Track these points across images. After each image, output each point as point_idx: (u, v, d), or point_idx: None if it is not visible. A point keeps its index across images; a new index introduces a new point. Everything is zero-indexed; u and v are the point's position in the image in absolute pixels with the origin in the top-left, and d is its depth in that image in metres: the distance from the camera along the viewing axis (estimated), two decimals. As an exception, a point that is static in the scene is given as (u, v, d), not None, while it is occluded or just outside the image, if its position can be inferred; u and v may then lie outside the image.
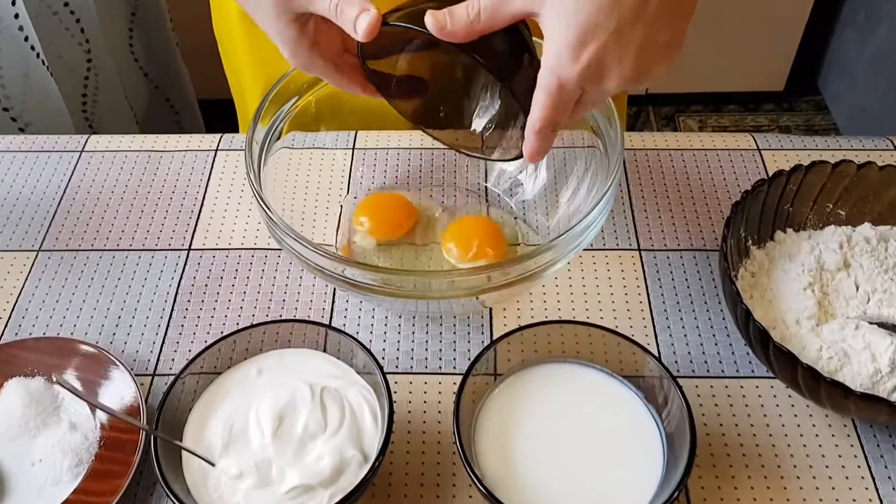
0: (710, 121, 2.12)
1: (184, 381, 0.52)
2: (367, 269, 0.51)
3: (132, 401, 0.56)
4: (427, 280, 0.51)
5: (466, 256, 0.63)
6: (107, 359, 0.58)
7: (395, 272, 0.52)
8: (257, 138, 0.61)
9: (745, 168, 0.73)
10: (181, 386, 0.52)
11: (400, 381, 0.59)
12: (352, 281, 0.52)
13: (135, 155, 0.75)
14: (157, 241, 0.68)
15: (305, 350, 0.55)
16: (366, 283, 0.52)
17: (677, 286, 0.64)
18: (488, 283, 0.52)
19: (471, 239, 0.64)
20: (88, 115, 1.42)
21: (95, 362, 0.58)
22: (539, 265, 0.52)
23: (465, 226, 0.66)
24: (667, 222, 0.69)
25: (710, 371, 0.59)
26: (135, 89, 1.52)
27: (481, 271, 0.51)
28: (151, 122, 1.58)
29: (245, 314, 0.63)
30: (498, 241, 0.65)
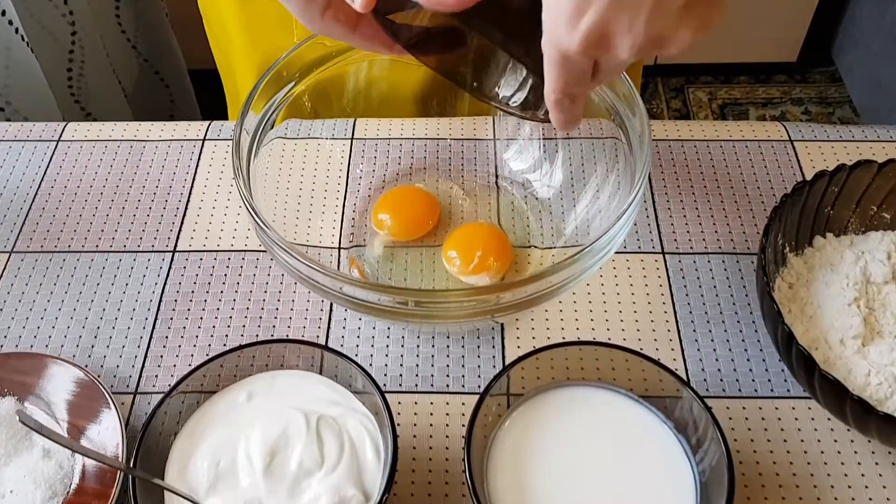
0: (721, 92, 2.06)
1: (166, 409, 0.47)
2: (366, 287, 0.46)
3: (111, 426, 0.51)
4: (431, 301, 0.46)
5: (467, 269, 0.58)
6: (84, 377, 0.53)
7: (396, 291, 0.46)
8: (248, 127, 0.55)
9: (777, 161, 0.67)
10: (163, 416, 0.47)
11: (404, 402, 0.54)
12: (349, 298, 0.47)
13: (115, 145, 0.69)
14: (139, 242, 0.63)
15: (300, 372, 0.50)
16: (364, 301, 0.47)
17: (705, 294, 0.59)
18: (498, 303, 0.46)
19: (473, 249, 0.59)
20: (74, 91, 1.35)
21: (71, 381, 0.53)
22: (553, 285, 0.47)
23: (467, 234, 0.61)
24: (692, 222, 0.64)
25: (743, 390, 0.54)
26: (123, 63, 1.46)
27: (491, 291, 0.45)
28: (142, 97, 1.52)
29: (235, 325, 0.58)
30: (503, 250, 0.59)
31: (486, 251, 0.59)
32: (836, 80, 2.09)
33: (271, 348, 0.50)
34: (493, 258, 0.59)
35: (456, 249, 0.60)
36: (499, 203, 0.64)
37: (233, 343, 0.57)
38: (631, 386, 0.49)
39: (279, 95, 0.59)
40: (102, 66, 1.37)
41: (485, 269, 0.59)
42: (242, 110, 0.55)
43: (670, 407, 0.48)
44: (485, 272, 0.59)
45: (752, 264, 0.61)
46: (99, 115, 1.40)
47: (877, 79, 1.92)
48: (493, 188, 0.65)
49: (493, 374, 0.55)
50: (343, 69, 0.62)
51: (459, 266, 0.59)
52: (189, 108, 1.62)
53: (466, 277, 0.59)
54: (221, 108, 0.92)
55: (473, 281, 0.59)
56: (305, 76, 0.60)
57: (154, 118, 1.55)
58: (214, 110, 0.97)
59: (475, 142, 0.68)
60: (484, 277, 0.58)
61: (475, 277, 0.58)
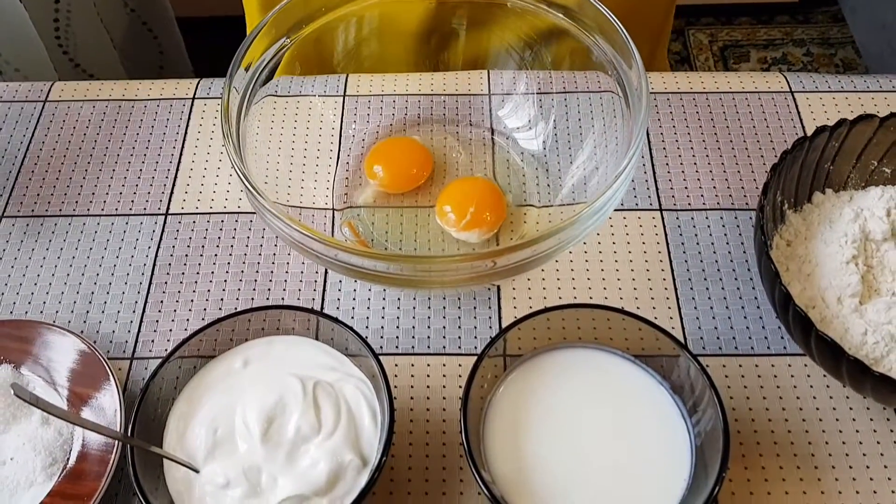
0: (721, 34, 2.02)
1: (163, 375, 0.47)
2: (360, 254, 0.45)
3: (109, 394, 0.51)
4: (426, 268, 0.46)
5: (460, 224, 0.58)
6: (80, 344, 0.53)
7: (390, 258, 0.46)
8: (238, 85, 0.54)
9: (778, 114, 0.66)
10: (161, 381, 0.47)
11: (401, 364, 0.54)
12: (343, 265, 0.47)
13: (103, 105, 0.68)
14: (130, 205, 0.62)
15: (296, 337, 0.50)
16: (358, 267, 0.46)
17: (703, 251, 0.59)
18: (494, 268, 0.46)
19: (466, 204, 0.58)
20: (63, 43, 1.33)
21: (68, 348, 0.53)
22: (549, 248, 0.47)
23: (461, 188, 0.60)
24: (691, 177, 0.63)
25: (739, 348, 0.54)
26: (110, 14, 1.43)
27: (487, 256, 0.45)
28: (131, 49, 1.49)
29: (230, 288, 0.58)
30: (497, 205, 0.59)
31: (480, 206, 0.59)
32: (838, 21, 2.05)
33: (266, 315, 0.49)
34: (488, 213, 0.58)
35: (450, 204, 0.59)
36: (494, 160, 0.63)
37: (228, 307, 0.57)
38: (628, 347, 0.49)
39: (270, 51, 0.58)
40: (90, 17, 1.34)
41: (478, 225, 0.58)
42: (231, 67, 0.54)
43: (667, 368, 0.48)
44: (477, 228, 0.58)
45: (750, 220, 0.60)
46: (89, 67, 1.38)
47: (880, 19, 1.88)
48: (489, 144, 0.64)
49: (489, 335, 0.55)
50: (335, 24, 0.60)
51: (453, 221, 0.58)
52: (179, 58, 1.59)
53: (459, 234, 0.58)
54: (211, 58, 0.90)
55: (466, 237, 0.59)
56: (296, 31, 0.59)
57: (144, 70, 1.52)
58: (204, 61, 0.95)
59: (469, 97, 0.67)
60: (476, 233, 0.58)
61: (468, 234, 0.58)
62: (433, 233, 0.60)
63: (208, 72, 0.72)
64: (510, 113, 0.65)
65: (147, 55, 1.57)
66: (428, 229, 0.60)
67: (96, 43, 1.38)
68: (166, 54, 1.59)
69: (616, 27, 0.54)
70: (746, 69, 1.94)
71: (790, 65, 1.95)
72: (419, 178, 0.62)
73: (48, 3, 1.24)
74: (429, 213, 0.60)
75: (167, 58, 1.59)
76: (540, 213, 0.60)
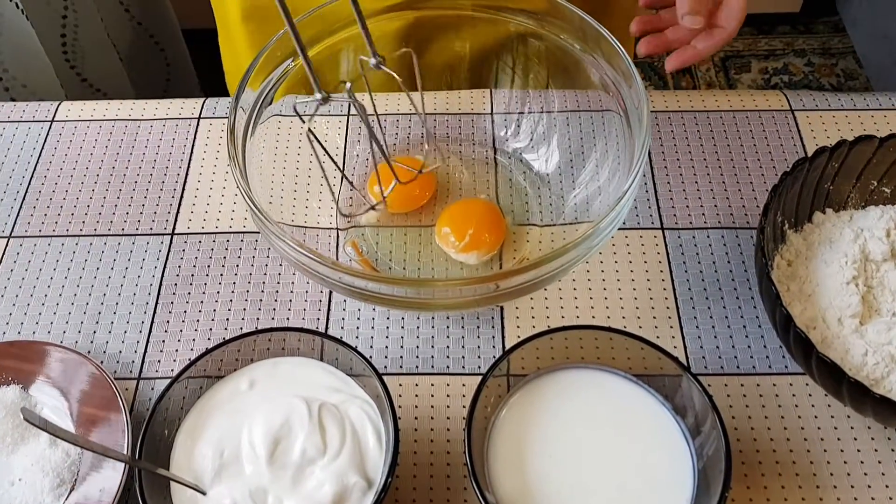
0: (723, 45, 2.02)
1: (170, 396, 0.48)
2: (364, 277, 0.46)
3: (116, 415, 0.52)
4: (430, 290, 0.46)
5: (459, 245, 0.58)
6: (87, 365, 0.53)
7: (394, 282, 0.46)
8: (245, 105, 0.55)
9: (778, 132, 0.67)
10: (168, 402, 0.47)
11: (405, 384, 0.55)
12: (349, 287, 0.47)
13: (109, 125, 0.69)
14: (137, 225, 0.63)
15: (301, 358, 0.50)
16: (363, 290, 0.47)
17: (704, 270, 0.59)
18: (497, 291, 0.46)
19: (465, 226, 0.58)
20: (70, 58, 1.34)
21: (75, 368, 0.54)
22: (553, 270, 0.47)
23: (459, 211, 0.61)
24: (692, 196, 0.63)
25: (741, 367, 0.55)
26: (117, 27, 1.44)
27: (489, 280, 0.45)
28: (137, 62, 1.50)
29: (235, 308, 0.58)
30: (496, 226, 0.59)
31: (479, 228, 0.59)
32: (839, 31, 2.06)
33: (272, 335, 0.50)
34: (487, 234, 0.59)
35: (448, 226, 0.60)
36: (497, 179, 0.64)
37: (234, 326, 0.57)
38: (630, 367, 0.49)
39: (276, 72, 0.59)
40: (97, 31, 1.35)
41: (477, 247, 0.59)
42: (239, 87, 0.55)
43: (669, 388, 0.49)
44: (476, 250, 0.59)
45: (751, 239, 0.61)
46: (96, 81, 1.39)
47: (881, 29, 1.89)
48: (492, 164, 0.65)
49: (493, 355, 0.56)
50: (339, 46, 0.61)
51: (452, 244, 0.59)
52: (186, 71, 1.60)
53: (458, 255, 0.59)
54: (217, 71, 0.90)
55: (465, 259, 0.59)
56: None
57: (151, 83, 1.53)
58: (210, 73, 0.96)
59: (472, 116, 0.67)
60: (475, 255, 0.58)
61: (467, 255, 0.58)
62: (436, 252, 0.60)
63: (215, 84, 0.72)
64: (513, 133, 0.65)
65: (154, 68, 1.58)
66: (431, 248, 0.60)
67: (103, 57, 1.39)
68: (173, 67, 1.60)
69: (616, 49, 0.55)
70: (748, 80, 1.94)
71: (791, 75, 1.96)
72: (422, 199, 0.62)
73: (55, 18, 1.25)
74: (431, 232, 0.61)
75: (174, 70, 1.61)
76: (542, 233, 0.60)
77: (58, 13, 1.26)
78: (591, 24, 0.56)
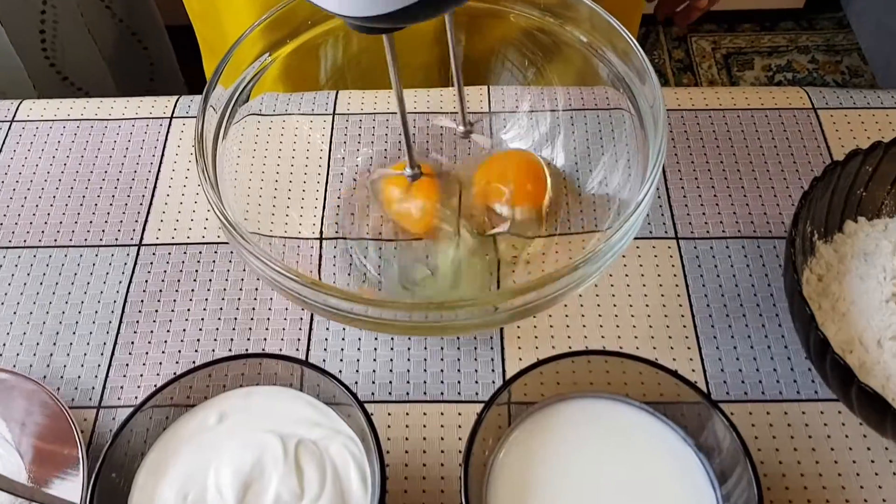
0: (725, 41, 1.98)
1: (130, 430, 0.42)
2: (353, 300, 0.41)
3: (72, 449, 0.46)
4: (422, 313, 0.41)
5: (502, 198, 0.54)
6: (41, 392, 0.48)
7: (382, 305, 0.41)
8: (215, 102, 0.49)
9: (800, 132, 0.62)
10: (128, 434, 0.42)
11: (394, 413, 0.49)
12: (335, 311, 0.42)
13: (74, 125, 0.63)
14: (101, 235, 0.57)
15: (277, 388, 0.45)
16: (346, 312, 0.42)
17: (724, 283, 0.54)
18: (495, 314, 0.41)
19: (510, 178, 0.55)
20: (49, 55, 1.29)
21: (27, 397, 0.48)
22: (558, 290, 0.42)
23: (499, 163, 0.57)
24: (708, 202, 0.58)
25: (766, 393, 0.50)
26: (97, 23, 1.38)
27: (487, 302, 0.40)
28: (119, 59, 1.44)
29: (207, 327, 0.53)
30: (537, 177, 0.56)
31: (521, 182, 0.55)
32: (844, 27, 2.01)
33: (246, 364, 0.44)
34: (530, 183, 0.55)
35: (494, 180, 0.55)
36: (496, 184, 0.58)
37: (205, 349, 0.52)
38: (644, 394, 0.44)
39: (254, 65, 0.53)
40: (77, 27, 1.30)
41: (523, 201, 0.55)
42: (209, 84, 0.49)
43: (688, 417, 0.43)
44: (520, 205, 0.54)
45: (774, 249, 0.56)
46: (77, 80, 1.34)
47: (887, 25, 1.84)
48: (490, 168, 0.59)
49: (491, 379, 0.50)
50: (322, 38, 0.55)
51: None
52: (169, 68, 1.55)
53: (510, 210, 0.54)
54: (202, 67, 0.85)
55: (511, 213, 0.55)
56: (280, 46, 0.54)
57: (134, 81, 1.48)
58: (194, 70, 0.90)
59: (469, 116, 0.62)
60: (519, 210, 0.55)
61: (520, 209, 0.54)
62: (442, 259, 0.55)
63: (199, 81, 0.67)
64: (513, 133, 0.60)
65: (137, 66, 1.52)
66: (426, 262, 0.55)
67: (84, 54, 1.33)
68: (156, 64, 1.55)
69: (628, 40, 0.50)
70: (750, 77, 1.89)
71: (795, 72, 1.91)
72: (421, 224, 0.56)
73: (33, 14, 1.20)
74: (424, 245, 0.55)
75: (157, 68, 1.55)
76: (546, 244, 0.55)
77: (36, 9, 1.21)
78: (601, 15, 0.50)
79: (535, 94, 0.58)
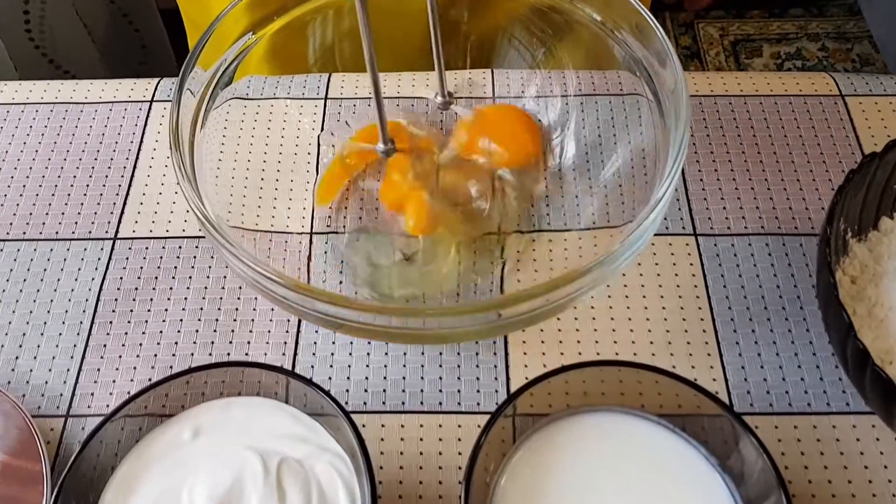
0: (733, 28, 1.93)
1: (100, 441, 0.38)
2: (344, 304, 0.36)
3: (35, 463, 0.42)
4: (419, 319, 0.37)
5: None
6: (3, 402, 0.44)
7: (374, 310, 0.37)
8: (193, 86, 0.45)
9: (827, 120, 0.57)
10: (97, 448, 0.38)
11: (388, 424, 0.45)
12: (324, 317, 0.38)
13: (47, 109, 0.59)
14: (73, 228, 0.53)
15: (259, 400, 0.41)
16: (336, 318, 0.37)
17: (746, 284, 0.50)
18: (499, 321, 0.37)
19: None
20: (34, 35, 1.24)
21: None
22: (567, 295, 0.38)
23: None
24: (729, 196, 0.54)
25: (793, 405, 0.46)
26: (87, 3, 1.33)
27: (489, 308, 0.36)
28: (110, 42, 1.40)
29: (186, 329, 0.49)
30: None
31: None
32: (854, 14, 1.96)
33: (227, 373, 0.40)
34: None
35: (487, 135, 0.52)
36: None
37: (184, 352, 0.48)
38: (662, 405, 0.40)
39: (237, 45, 0.49)
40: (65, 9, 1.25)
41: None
42: (185, 65, 0.45)
43: (712, 436, 0.39)
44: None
45: (800, 247, 0.51)
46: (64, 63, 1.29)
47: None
48: (493, 157, 0.55)
49: (494, 388, 0.46)
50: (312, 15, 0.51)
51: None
52: (162, 54, 1.50)
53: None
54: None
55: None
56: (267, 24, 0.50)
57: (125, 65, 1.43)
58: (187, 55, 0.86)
59: (472, 102, 0.58)
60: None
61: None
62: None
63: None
64: (518, 120, 0.56)
65: (128, 49, 1.48)
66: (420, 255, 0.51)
67: (73, 36, 1.29)
68: (148, 47, 1.50)
69: (646, 18, 0.45)
70: (759, 64, 1.85)
71: (805, 60, 1.86)
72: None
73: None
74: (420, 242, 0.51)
75: (149, 50, 1.51)
76: (554, 240, 0.51)
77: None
78: (615, -10, 0.46)
79: (544, 77, 0.54)
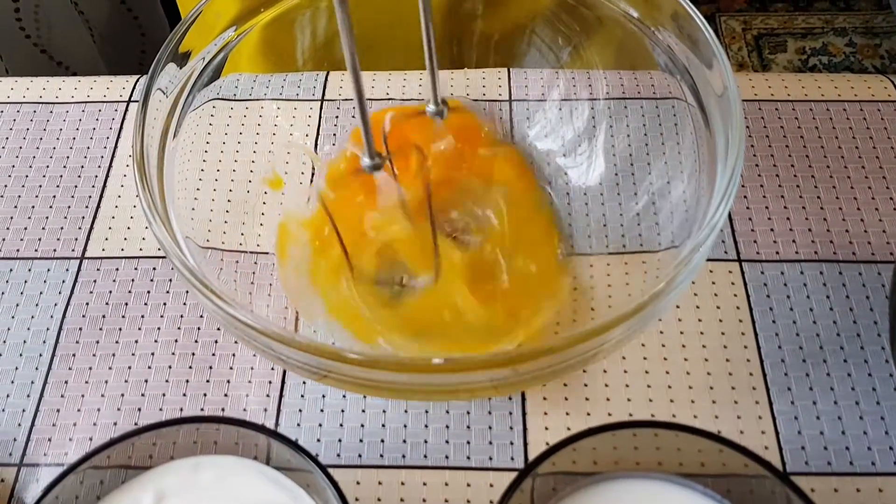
0: (756, 21, 1.86)
1: (56, 497, 0.33)
2: (331, 357, 0.30)
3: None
4: (423, 376, 0.31)
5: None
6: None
7: (372, 364, 0.31)
8: (166, 85, 0.39)
9: (886, 130, 0.51)
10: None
11: (386, 481, 0.39)
12: (308, 369, 0.32)
13: (13, 109, 0.53)
14: (36, 245, 0.47)
15: (233, 460, 0.35)
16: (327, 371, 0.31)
17: (798, 320, 0.44)
18: (515, 376, 0.31)
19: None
20: (24, 25, 1.18)
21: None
22: (594, 347, 0.31)
23: None
24: (777, 216, 0.47)
25: (855, 464, 0.39)
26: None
27: (501, 364, 0.30)
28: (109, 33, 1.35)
29: (158, 364, 0.43)
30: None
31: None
32: (883, 8, 1.89)
33: (198, 430, 0.34)
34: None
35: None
36: (516, 189, 0.48)
37: (154, 392, 0.42)
38: (703, 464, 0.34)
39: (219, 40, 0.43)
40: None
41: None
42: (156, 62, 0.39)
43: (760, 503, 0.33)
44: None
45: (860, 276, 0.45)
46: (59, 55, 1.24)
47: (932, 6, 1.72)
48: (510, 168, 0.49)
49: (509, 439, 0.40)
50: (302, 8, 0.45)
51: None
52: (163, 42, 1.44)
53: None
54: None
55: None
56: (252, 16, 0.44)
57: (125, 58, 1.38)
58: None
59: (485, 104, 0.51)
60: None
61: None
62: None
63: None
64: (539, 128, 0.49)
65: (126, 37, 1.43)
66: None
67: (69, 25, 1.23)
68: (147, 35, 1.45)
69: (690, 13, 0.39)
70: (783, 60, 1.78)
71: (831, 56, 1.79)
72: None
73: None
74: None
75: (148, 39, 1.45)
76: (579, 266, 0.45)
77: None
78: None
79: (569, 79, 0.48)
